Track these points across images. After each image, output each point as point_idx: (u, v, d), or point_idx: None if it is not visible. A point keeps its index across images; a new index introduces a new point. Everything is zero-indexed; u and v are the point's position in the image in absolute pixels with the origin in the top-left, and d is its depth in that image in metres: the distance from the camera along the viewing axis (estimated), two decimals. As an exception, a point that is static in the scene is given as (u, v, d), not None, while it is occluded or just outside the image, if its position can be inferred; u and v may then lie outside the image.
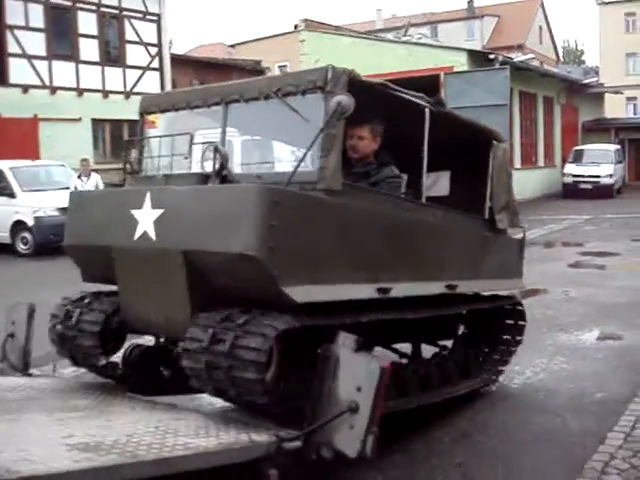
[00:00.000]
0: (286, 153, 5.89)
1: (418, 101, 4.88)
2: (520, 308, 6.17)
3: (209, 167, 4.14)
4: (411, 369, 5.26)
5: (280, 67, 51.64)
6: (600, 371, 6.50)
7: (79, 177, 16.30)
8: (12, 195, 16.88)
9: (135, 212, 4.17)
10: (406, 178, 5.26)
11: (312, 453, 3.70)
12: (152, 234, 4.08)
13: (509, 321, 6.17)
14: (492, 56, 24.26)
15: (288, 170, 4.16)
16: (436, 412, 5.29)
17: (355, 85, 4.18)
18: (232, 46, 55.11)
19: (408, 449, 4.81)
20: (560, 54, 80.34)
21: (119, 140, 28.95)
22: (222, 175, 4.09)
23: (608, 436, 4.90)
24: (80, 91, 27.19)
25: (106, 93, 28.18)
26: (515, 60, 26.71)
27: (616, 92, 40.53)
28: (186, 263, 3.96)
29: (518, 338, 6.16)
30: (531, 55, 34.06)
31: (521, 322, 6.15)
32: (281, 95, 4.27)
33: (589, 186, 28.23)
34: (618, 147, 32.71)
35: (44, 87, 26.23)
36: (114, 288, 4.67)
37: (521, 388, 6.16)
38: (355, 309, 4.26)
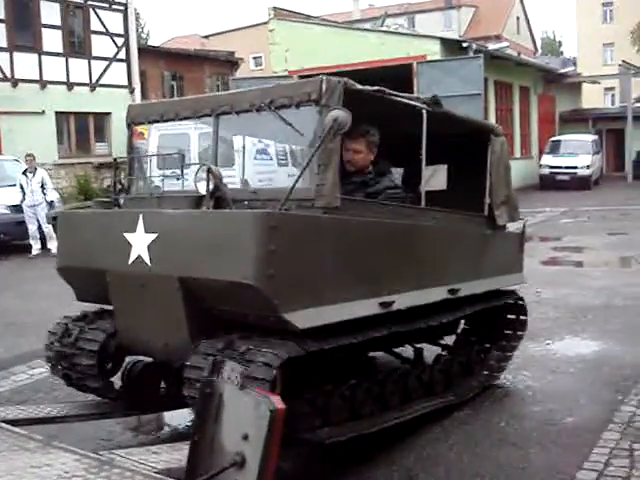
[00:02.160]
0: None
1: (415, 103, 4.78)
2: (521, 303, 6.08)
3: (202, 188, 4.04)
4: (414, 375, 5.13)
5: (254, 58, 51.02)
6: (571, 389, 5.81)
7: (24, 173, 15.49)
8: (-37, 192, 16.01)
9: (128, 235, 4.11)
10: (401, 172, 5.43)
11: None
12: (146, 259, 4.03)
13: (510, 316, 6.10)
14: (466, 44, 23.68)
15: (283, 186, 4.05)
16: (380, 443, 4.65)
17: (351, 95, 4.06)
18: (206, 37, 54.26)
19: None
20: (538, 45, 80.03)
21: (85, 133, 28.23)
22: (217, 196, 3.98)
23: (577, 477, 4.22)
24: (43, 83, 26.40)
25: (71, 85, 27.37)
26: (490, 48, 26.07)
27: (593, 82, 40.15)
28: (183, 289, 3.90)
29: (520, 333, 6.08)
30: (506, 43, 33.48)
31: (522, 317, 6.08)
32: (274, 107, 4.18)
33: (566, 177, 27.76)
34: (595, 137, 32.27)
35: (5, 79, 25.39)
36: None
37: (478, 413, 5.40)
38: (358, 323, 4.16)
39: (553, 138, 31.19)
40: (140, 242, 4.05)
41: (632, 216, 18.56)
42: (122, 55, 29.47)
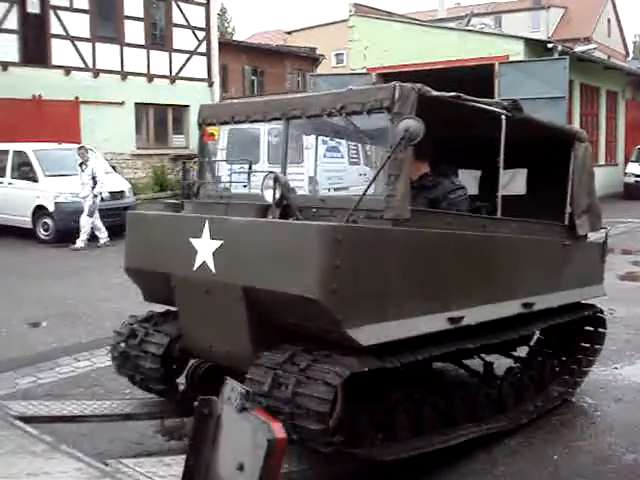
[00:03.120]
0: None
1: (494, 108, 4.60)
2: (600, 315, 5.89)
3: (269, 196, 3.99)
4: (484, 392, 4.93)
5: (336, 55, 50.82)
6: (636, 422, 5.31)
7: (80, 165, 15.45)
8: (34, 179, 16.26)
9: (194, 241, 4.12)
10: (479, 174, 5.37)
11: None
12: (211, 265, 4.03)
13: (588, 328, 5.91)
14: (551, 45, 22.75)
15: (353, 194, 3.90)
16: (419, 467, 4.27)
17: (425, 101, 3.92)
18: (289, 33, 54.31)
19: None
20: (630, 49, 77.36)
21: (163, 125, 28.51)
22: (283, 205, 3.92)
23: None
24: (124, 74, 26.74)
25: (151, 77, 27.67)
26: (576, 50, 25.11)
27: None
28: (246, 298, 3.88)
29: (597, 347, 5.90)
30: (593, 45, 32.19)
31: (601, 329, 5.91)
32: (345, 114, 4.08)
33: (653, 187, 26.50)
34: (685, 146, 30.75)
35: (87, 69, 25.81)
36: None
37: (531, 442, 4.95)
38: (424, 337, 4.03)
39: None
40: (205, 248, 4.04)
41: None
42: (203, 48, 29.65)
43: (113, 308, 8.92)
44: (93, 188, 15.11)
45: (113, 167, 17.91)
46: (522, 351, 5.85)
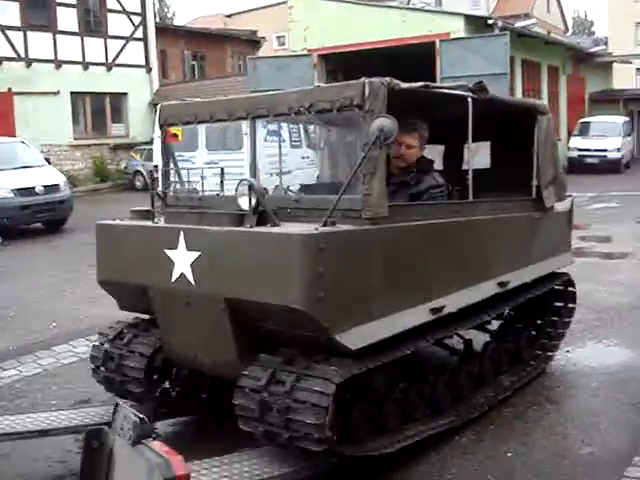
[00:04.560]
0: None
1: (460, 92, 4.62)
2: (570, 279, 6.09)
3: (244, 203, 3.87)
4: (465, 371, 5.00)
5: (278, 37, 50.15)
6: (592, 410, 5.04)
7: None
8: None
9: (169, 252, 4.04)
10: (443, 149, 5.57)
11: None
12: (190, 277, 3.95)
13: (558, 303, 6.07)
14: (491, 21, 22.61)
15: (328, 196, 3.94)
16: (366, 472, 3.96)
17: (395, 94, 3.89)
18: (229, 16, 53.49)
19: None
20: (570, 25, 78.16)
21: (101, 114, 27.79)
22: (259, 211, 3.83)
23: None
24: (58, 63, 26.09)
25: (86, 65, 27.03)
26: (516, 26, 25.00)
27: (624, 61, 38.81)
28: (229, 309, 3.84)
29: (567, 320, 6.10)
30: (533, 20, 32.22)
31: (572, 289, 6.10)
32: (314, 112, 4.03)
33: (595, 160, 26.68)
34: (627, 119, 31.09)
35: (19, 59, 25.07)
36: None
37: (482, 439, 4.67)
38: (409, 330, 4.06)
39: (582, 120, 30.07)
40: (183, 260, 3.98)
41: (663, 202, 17.69)
42: (139, 34, 29.02)
43: (43, 310, 8.46)
44: None
45: (47, 159, 17.20)
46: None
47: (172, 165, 5.04)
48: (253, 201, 3.80)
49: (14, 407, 5.51)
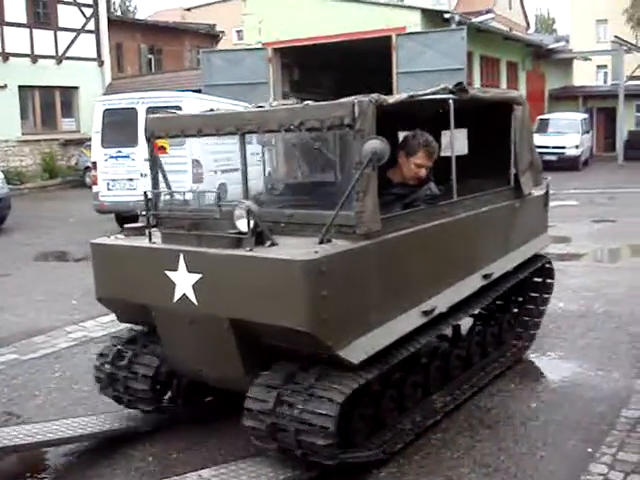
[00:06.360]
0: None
1: (442, 96, 4.70)
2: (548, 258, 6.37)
3: (242, 226, 3.90)
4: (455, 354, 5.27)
5: (237, 31, 49.46)
6: (528, 437, 4.56)
7: None
8: None
9: (170, 274, 4.11)
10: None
11: None
12: (192, 298, 4.03)
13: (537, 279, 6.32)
14: (448, 16, 22.29)
15: (322, 211, 4.02)
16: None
17: (383, 109, 4.00)
18: (188, 9, 52.68)
19: None
20: (532, 23, 78.50)
21: (51, 109, 26.99)
22: (257, 232, 3.87)
23: None
24: (5, 55, 25.30)
25: (35, 58, 26.21)
26: (473, 21, 24.66)
27: (584, 58, 38.85)
28: (233, 328, 3.94)
29: (546, 296, 6.37)
30: (491, 15, 31.83)
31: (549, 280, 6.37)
32: (304, 130, 4.08)
33: (553, 157, 26.40)
34: (585, 116, 30.96)
35: (-37, 51, 24.21)
36: None
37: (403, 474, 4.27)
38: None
39: (541, 116, 29.91)
40: (184, 281, 4.04)
41: (620, 200, 17.48)
42: (91, 26, 28.21)
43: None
44: None
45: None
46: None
47: (161, 177, 4.92)
48: (251, 223, 3.83)
49: None
